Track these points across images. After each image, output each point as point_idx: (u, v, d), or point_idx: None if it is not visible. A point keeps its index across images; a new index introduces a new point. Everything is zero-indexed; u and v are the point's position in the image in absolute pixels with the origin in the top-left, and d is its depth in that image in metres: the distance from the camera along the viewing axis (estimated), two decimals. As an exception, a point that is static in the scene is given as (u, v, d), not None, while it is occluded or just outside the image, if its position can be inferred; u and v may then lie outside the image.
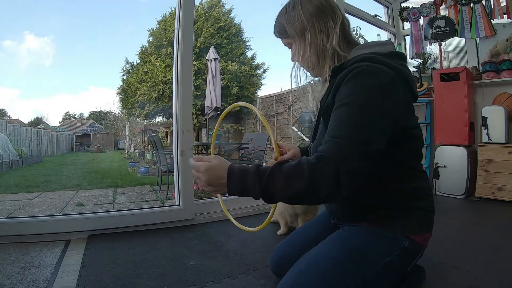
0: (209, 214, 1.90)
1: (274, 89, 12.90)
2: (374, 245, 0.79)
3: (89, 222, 1.60)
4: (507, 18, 2.64)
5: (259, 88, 9.59)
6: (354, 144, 0.67)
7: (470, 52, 2.88)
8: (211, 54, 5.26)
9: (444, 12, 2.99)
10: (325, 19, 0.83)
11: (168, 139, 7.65)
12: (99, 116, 12.32)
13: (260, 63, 9.75)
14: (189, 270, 1.22)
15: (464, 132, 2.50)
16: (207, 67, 5.37)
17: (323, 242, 0.85)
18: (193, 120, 7.25)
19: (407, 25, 3.34)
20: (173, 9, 8.52)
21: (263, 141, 4.71)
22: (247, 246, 1.46)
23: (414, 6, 3.23)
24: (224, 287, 1.09)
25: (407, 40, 3.42)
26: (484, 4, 2.73)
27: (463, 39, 2.89)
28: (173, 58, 1.99)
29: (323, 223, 1.03)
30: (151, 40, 9.02)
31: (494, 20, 2.70)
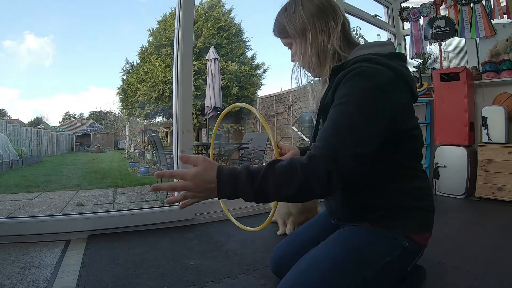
0: (209, 214, 1.90)
1: (274, 89, 12.92)
2: (374, 245, 0.79)
3: (89, 222, 1.60)
4: (507, 18, 2.64)
5: (259, 88, 9.61)
6: (347, 145, 0.66)
7: (470, 52, 2.89)
8: (211, 54, 5.26)
9: (444, 12, 2.99)
10: (326, 19, 0.83)
11: (168, 139, 7.66)
12: (99, 116, 12.33)
13: (260, 63, 9.78)
14: (189, 270, 1.21)
15: (464, 132, 2.50)
16: (207, 67, 5.37)
17: (323, 242, 0.85)
18: (193, 120, 7.25)
19: (407, 25, 3.34)
20: (173, 9, 8.52)
21: (263, 141, 4.72)
22: (247, 246, 1.46)
23: (414, 6, 3.23)
24: (224, 287, 1.09)
25: (407, 40, 3.42)
26: (484, 4, 2.73)
27: (463, 39, 2.89)
28: (173, 58, 1.99)
29: (323, 223, 1.03)
30: (151, 40, 9.03)
31: (494, 20, 2.70)
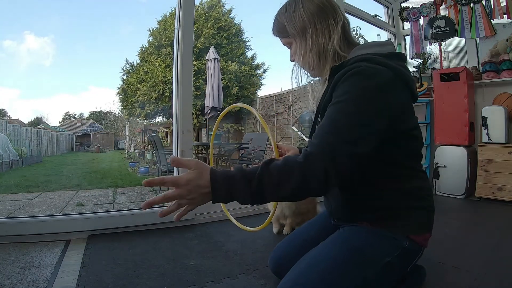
0: (209, 214, 1.89)
1: (274, 89, 12.91)
2: (374, 245, 0.79)
3: (89, 222, 1.60)
4: (507, 18, 2.64)
5: (259, 88, 9.61)
6: (345, 144, 0.66)
7: (470, 52, 2.89)
8: (211, 54, 5.27)
9: (444, 12, 2.99)
10: (327, 18, 0.83)
11: (168, 139, 7.66)
12: (99, 116, 12.31)
13: (260, 63, 9.78)
14: (189, 270, 1.21)
15: (464, 132, 2.50)
16: (207, 67, 5.37)
17: (323, 242, 0.85)
18: (193, 120, 7.25)
19: (407, 25, 3.34)
20: (173, 9, 8.52)
21: (263, 141, 4.72)
22: (247, 246, 1.46)
23: (414, 6, 3.23)
24: (224, 287, 1.09)
25: (407, 40, 3.42)
26: (484, 4, 2.73)
27: (463, 39, 2.89)
28: (173, 58, 1.99)
29: (323, 223, 1.03)
30: (151, 40, 9.02)
31: (494, 20, 2.70)
